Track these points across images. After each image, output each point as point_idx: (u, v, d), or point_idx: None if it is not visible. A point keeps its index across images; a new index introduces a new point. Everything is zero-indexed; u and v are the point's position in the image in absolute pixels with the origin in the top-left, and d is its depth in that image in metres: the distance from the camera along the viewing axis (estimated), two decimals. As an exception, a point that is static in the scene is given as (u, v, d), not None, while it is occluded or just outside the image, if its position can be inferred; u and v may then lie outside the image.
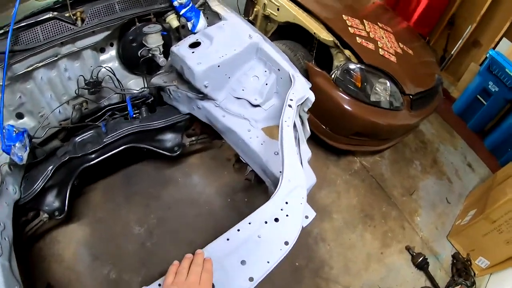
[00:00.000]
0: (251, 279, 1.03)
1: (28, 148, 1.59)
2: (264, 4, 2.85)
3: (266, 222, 1.17)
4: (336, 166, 2.95)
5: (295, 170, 1.31)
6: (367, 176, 2.97)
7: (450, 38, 4.28)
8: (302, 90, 1.64)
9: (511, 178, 2.70)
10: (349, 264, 2.42)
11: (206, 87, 1.76)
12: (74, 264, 2.05)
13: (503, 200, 2.43)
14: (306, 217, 1.32)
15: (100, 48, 1.92)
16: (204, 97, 1.84)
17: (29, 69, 1.60)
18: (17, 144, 1.54)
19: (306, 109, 1.70)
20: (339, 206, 2.69)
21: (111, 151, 1.87)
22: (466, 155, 3.59)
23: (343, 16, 2.69)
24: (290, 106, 1.50)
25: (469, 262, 2.62)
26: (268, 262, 1.09)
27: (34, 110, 1.76)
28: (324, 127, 2.62)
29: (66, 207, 1.81)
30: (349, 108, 2.40)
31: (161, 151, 1.99)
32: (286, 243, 1.14)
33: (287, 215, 1.20)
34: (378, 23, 2.90)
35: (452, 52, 4.13)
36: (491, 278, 2.60)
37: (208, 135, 2.24)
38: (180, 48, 1.79)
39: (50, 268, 2.01)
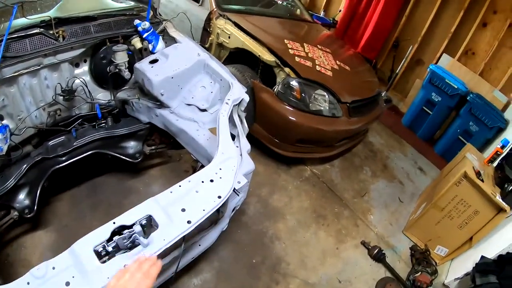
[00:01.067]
0: (189, 222, 1.45)
1: (8, 141, 1.94)
2: (218, 33, 3.48)
3: (203, 182, 1.62)
4: (287, 174, 3.41)
5: (228, 146, 1.81)
6: (318, 182, 3.44)
7: (395, 59, 5.06)
8: (238, 93, 2.17)
9: (455, 168, 3.19)
10: (305, 260, 2.74)
11: (162, 95, 2.27)
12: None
13: (447, 187, 2.88)
14: (239, 182, 1.80)
15: (75, 63, 2.40)
16: (161, 105, 2.34)
17: (15, 74, 2.04)
18: None
19: (242, 108, 2.23)
20: (291, 208, 3.09)
21: (79, 155, 2.28)
22: (417, 160, 4.16)
23: (285, 40, 3.34)
24: (226, 103, 2.05)
25: (427, 252, 2.99)
26: (203, 210, 1.51)
27: (14, 112, 2.17)
28: (271, 137, 3.14)
29: (35, 206, 2.14)
30: (292, 117, 2.95)
31: (123, 157, 2.42)
32: (219, 197, 1.58)
33: (220, 178, 1.66)
34: (318, 45, 3.58)
35: (397, 72, 4.88)
36: (452, 264, 2.97)
37: (166, 145, 2.70)
38: (142, 64, 2.31)
39: (17, 272, 2.24)
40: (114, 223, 1.39)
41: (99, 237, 1.37)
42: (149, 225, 1.46)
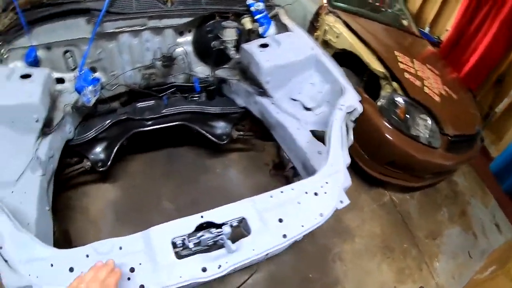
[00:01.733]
0: (284, 236, 1.29)
1: (98, 94, 1.93)
2: (325, 30, 3.26)
3: (306, 193, 1.45)
4: (367, 194, 3.20)
5: (338, 158, 1.62)
6: (394, 210, 3.19)
7: (497, 96, 4.57)
8: (352, 100, 1.96)
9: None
10: (362, 288, 2.58)
11: (267, 83, 2.11)
12: (97, 220, 2.33)
13: (526, 257, 2.52)
14: (341, 201, 1.61)
15: (180, 31, 2.30)
16: (263, 93, 2.18)
17: (116, 30, 1.99)
18: (90, 87, 1.89)
19: (353, 119, 2.02)
20: (362, 231, 2.90)
21: (166, 123, 2.21)
22: (495, 215, 3.76)
23: (395, 52, 3.06)
24: (340, 109, 1.84)
25: (482, 317, 2.70)
26: (302, 226, 1.35)
27: (109, 68, 2.14)
28: (362, 151, 2.91)
29: (109, 162, 2.15)
30: (389, 136, 2.69)
31: (209, 136, 2.32)
32: (321, 215, 1.42)
33: (325, 192, 1.49)
34: (427, 64, 3.26)
35: (497, 111, 4.41)
36: None
37: (254, 134, 2.57)
38: (252, 46, 2.16)
39: (74, 217, 2.29)
40: (202, 217, 1.27)
41: (181, 228, 1.24)
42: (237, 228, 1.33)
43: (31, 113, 1.61)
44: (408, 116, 2.70)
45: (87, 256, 1.12)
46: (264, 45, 2.18)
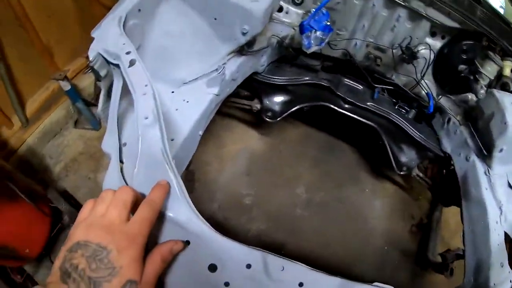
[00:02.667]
0: None
1: (322, 45, 1.62)
2: None
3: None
4: None
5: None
6: None
7: None
8: None
9: None
10: None
11: (500, 151, 1.62)
12: (227, 158, 2.26)
13: None
14: None
15: (433, 31, 1.91)
16: (483, 155, 1.71)
17: None
18: (318, 32, 1.56)
19: None
20: None
21: (359, 117, 1.90)
22: None
23: None
24: None
25: None
26: None
27: (338, 24, 1.83)
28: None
29: (280, 118, 1.93)
30: None
31: (391, 156, 1.95)
32: None
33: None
34: None
35: None
36: None
37: (433, 183, 2.13)
38: (507, 98, 1.67)
39: (206, 144, 2.24)
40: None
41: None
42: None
43: (244, 22, 1.39)
44: None
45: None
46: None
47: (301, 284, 0.77)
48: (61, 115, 2.64)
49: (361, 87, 1.94)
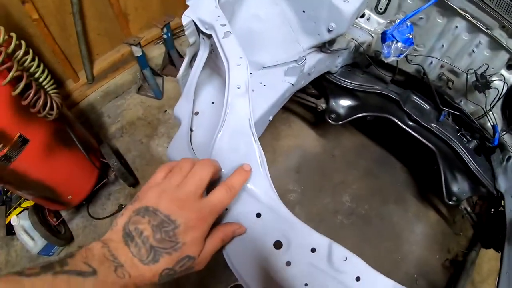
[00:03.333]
0: None
1: (400, 57, 1.60)
2: None
3: None
4: None
5: None
6: None
7: None
8: None
9: None
10: None
11: None
12: (280, 154, 2.27)
13: None
14: None
15: (509, 64, 1.84)
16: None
17: (460, 10, 1.60)
18: (399, 44, 1.55)
19: None
20: None
21: (422, 137, 1.85)
22: None
23: None
24: None
25: None
26: None
27: (416, 39, 1.79)
28: None
29: (343, 121, 1.92)
30: None
31: (443, 182, 1.89)
32: None
33: None
34: None
35: None
36: None
37: (478, 220, 2.04)
38: None
39: (262, 138, 2.20)
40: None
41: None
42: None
43: (332, 20, 1.40)
44: None
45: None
46: None
47: (358, 279, 0.76)
48: (127, 79, 2.74)
49: (428, 107, 1.90)
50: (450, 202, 1.89)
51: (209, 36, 1.13)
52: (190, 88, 1.17)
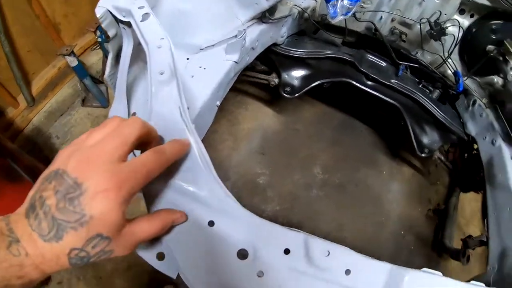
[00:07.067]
0: None
1: (348, 15, 1.45)
2: None
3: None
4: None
5: None
6: None
7: None
8: None
9: None
10: None
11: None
12: (241, 139, 2.10)
13: None
14: None
15: (462, 8, 1.71)
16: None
17: None
18: (345, 1, 1.42)
19: None
20: None
21: (382, 95, 1.72)
22: None
23: None
24: None
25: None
26: None
27: None
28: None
29: (298, 94, 1.74)
30: None
31: (413, 138, 1.77)
32: None
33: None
34: None
35: None
36: None
37: (453, 167, 1.95)
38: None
39: (219, 122, 2.09)
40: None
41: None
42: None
43: None
44: None
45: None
46: None
47: (348, 272, 0.62)
48: (68, 94, 2.47)
49: (385, 64, 1.77)
50: (422, 155, 1.80)
51: (129, 25, 0.93)
52: (121, 88, 0.97)
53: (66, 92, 2.44)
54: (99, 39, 2.23)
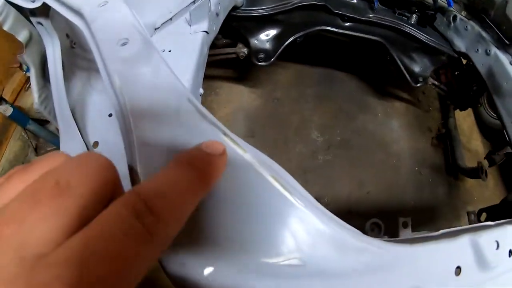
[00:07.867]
0: None
1: None
2: None
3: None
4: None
5: None
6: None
7: None
8: None
9: None
10: None
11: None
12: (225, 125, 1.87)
13: None
14: None
15: None
16: (508, 46, 1.42)
17: None
18: None
19: None
20: None
21: (363, 33, 1.56)
22: None
23: None
24: None
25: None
26: None
27: None
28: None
29: (274, 58, 1.53)
30: None
31: (403, 69, 1.64)
32: None
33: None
34: None
35: None
36: None
37: (447, 90, 1.85)
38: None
39: None
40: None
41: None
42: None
43: None
44: None
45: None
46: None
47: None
48: (18, 147, 2.08)
49: (356, 1, 1.58)
50: (418, 85, 1.71)
51: (46, 14, 0.69)
52: (63, 112, 0.68)
53: (15, 147, 2.06)
54: (28, 74, 1.88)
